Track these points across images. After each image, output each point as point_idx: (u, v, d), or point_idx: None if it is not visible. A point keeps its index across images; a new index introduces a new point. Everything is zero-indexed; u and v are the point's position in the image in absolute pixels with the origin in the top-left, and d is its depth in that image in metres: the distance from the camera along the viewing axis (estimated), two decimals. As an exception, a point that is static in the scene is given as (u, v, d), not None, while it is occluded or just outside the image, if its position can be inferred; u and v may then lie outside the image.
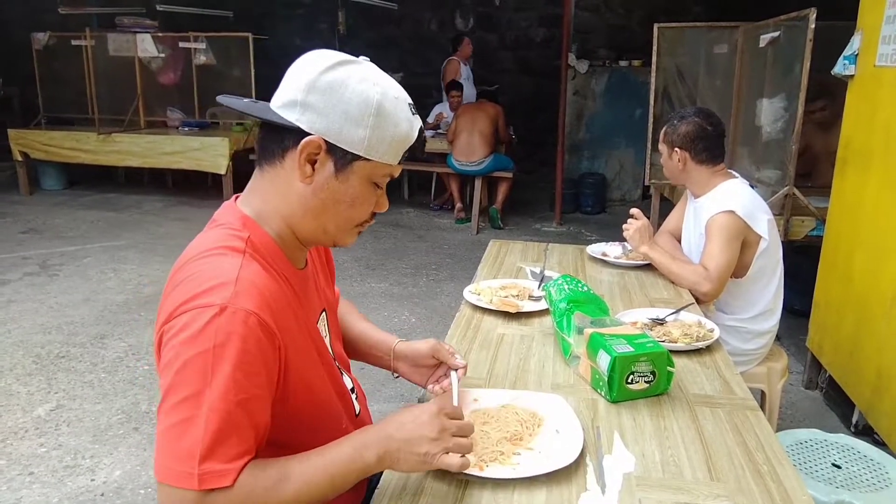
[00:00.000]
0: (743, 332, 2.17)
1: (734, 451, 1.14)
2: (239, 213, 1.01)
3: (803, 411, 2.94)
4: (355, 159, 0.96)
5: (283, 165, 0.97)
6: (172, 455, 0.82)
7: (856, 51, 2.70)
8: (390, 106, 0.96)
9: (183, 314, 0.87)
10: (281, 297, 0.95)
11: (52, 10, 7.23)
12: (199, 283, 0.89)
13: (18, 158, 6.78)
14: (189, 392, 0.83)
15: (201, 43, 6.69)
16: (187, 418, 0.82)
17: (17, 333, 3.58)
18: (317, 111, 0.93)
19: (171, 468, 0.82)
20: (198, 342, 0.84)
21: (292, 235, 1.02)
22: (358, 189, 0.98)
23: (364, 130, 0.94)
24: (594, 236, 5.82)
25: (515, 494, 1.02)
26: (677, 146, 2.14)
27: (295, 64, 0.98)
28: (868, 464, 1.76)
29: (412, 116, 0.99)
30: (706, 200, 2.13)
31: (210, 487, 0.81)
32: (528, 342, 1.60)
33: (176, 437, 0.82)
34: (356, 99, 0.93)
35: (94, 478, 2.39)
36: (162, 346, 0.89)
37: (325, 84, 0.93)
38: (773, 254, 2.13)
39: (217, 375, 0.83)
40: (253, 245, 0.96)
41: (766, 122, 3.72)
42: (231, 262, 0.92)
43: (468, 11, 8.51)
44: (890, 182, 2.42)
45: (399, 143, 0.98)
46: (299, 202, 0.98)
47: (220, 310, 0.85)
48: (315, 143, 0.94)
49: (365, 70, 0.96)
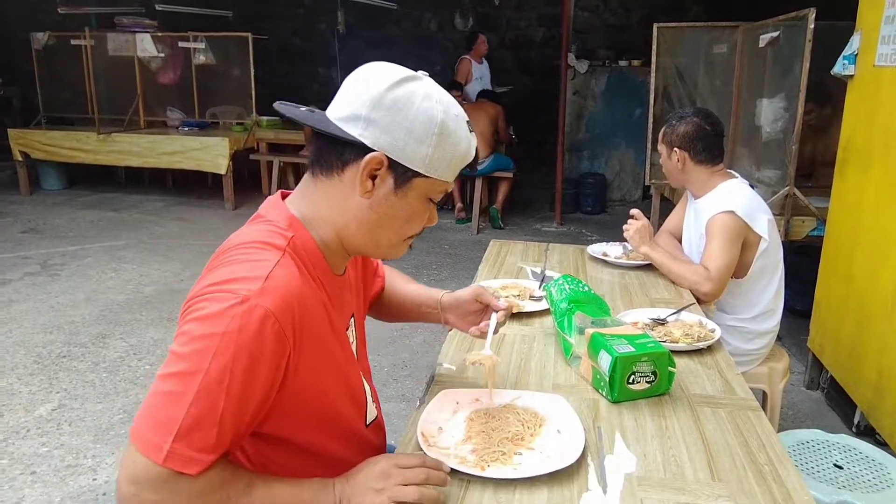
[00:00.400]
0: (744, 332, 2.17)
1: (736, 452, 1.14)
2: (287, 213, 1.01)
3: (805, 412, 2.94)
4: (415, 176, 0.97)
5: (341, 178, 0.98)
6: (150, 422, 0.83)
7: (855, 51, 2.70)
8: (452, 124, 0.97)
9: (208, 294, 0.88)
10: (311, 300, 0.95)
11: (51, 10, 7.23)
12: (232, 271, 0.90)
13: (18, 158, 6.77)
14: (187, 368, 0.84)
15: (201, 43, 6.69)
16: (176, 392, 0.83)
17: (19, 333, 3.58)
18: (381, 127, 0.94)
19: (144, 434, 0.83)
20: (210, 323, 0.85)
21: (339, 244, 1.03)
22: (415, 205, 1.00)
23: (427, 148, 0.95)
24: (594, 236, 5.82)
25: (517, 494, 1.02)
26: (676, 146, 2.14)
27: (356, 76, 0.98)
28: (870, 464, 1.76)
29: (470, 135, 1.01)
30: (706, 201, 2.13)
31: (174, 468, 0.82)
32: (529, 342, 1.60)
33: (160, 406, 0.84)
34: (421, 117, 0.94)
35: (95, 477, 2.39)
36: (185, 314, 0.90)
37: (391, 101, 0.94)
38: (774, 254, 2.13)
39: (217, 362, 0.83)
40: (294, 246, 0.96)
41: (766, 122, 3.72)
42: (267, 258, 0.92)
43: (468, 11, 8.51)
44: (890, 182, 2.43)
45: (458, 161, 1.00)
46: (355, 215, 0.99)
47: (241, 300, 0.86)
48: (378, 159, 0.94)
49: (428, 87, 0.97)
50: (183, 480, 0.83)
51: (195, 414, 0.82)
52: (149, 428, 0.83)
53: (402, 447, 1.14)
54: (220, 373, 0.83)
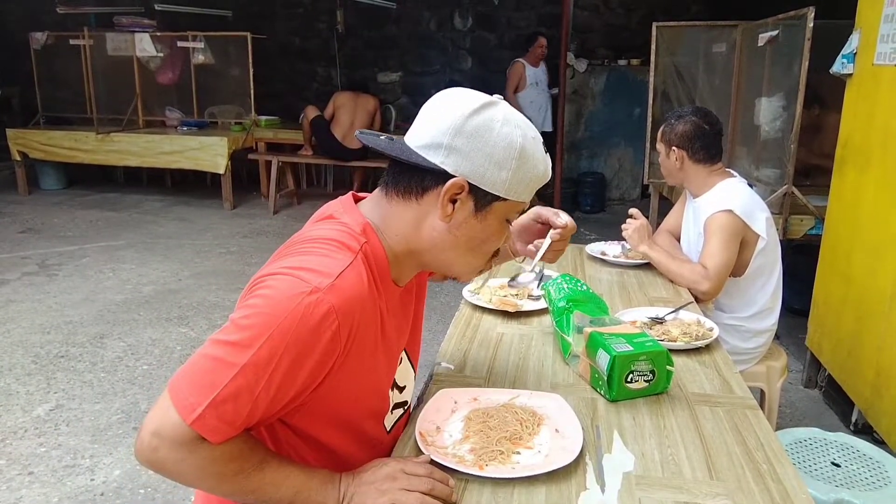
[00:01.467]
0: (742, 330, 2.18)
1: (734, 450, 1.14)
2: (362, 219, 1.02)
3: (803, 410, 2.94)
4: (495, 200, 0.99)
5: (419, 202, 0.99)
6: (191, 381, 0.86)
7: (854, 49, 2.70)
8: (530, 148, 0.98)
9: (282, 276, 0.89)
10: (371, 308, 0.96)
11: (50, 10, 7.22)
12: (308, 260, 0.92)
13: (17, 158, 6.77)
14: (241, 340, 0.86)
15: (200, 42, 6.69)
16: (224, 361, 0.85)
17: (17, 333, 3.58)
18: (462, 154, 0.95)
19: (182, 391, 0.85)
20: (276, 305, 0.86)
21: (409, 257, 1.04)
22: (493, 227, 1.02)
23: (507, 173, 0.97)
24: (593, 235, 5.82)
25: (515, 494, 1.02)
26: (675, 145, 2.14)
27: (435, 102, 0.99)
28: (867, 462, 1.76)
29: (545, 155, 1.02)
30: (704, 200, 2.13)
31: (199, 432, 0.85)
32: (527, 341, 1.60)
33: (205, 369, 0.86)
34: (501, 143, 0.95)
35: (93, 477, 2.39)
36: (252, 287, 0.92)
37: (472, 129, 0.95)
38: (772, 252, 2.14)
39: (270, 343, 0.85)
40: (366, 252, 0.98)
41: (765, 120, 3.72)
42: (342, 257, 0.93)
43: (467, 11, 8.51)
44: (888, 180, 2.43)
45: (536, 182, 1.01)
46: (431, 236, 1.01)
47: (311, 290, 0.87)
48: (459, 185, 0.96)
49: (505, 112, 0.98)
50: (203, 446, 0.86)
51: (235, 387, 0.85)
52: (188, 386, 0.85)
53: (400, 447, 1.14)
54: (270, 354, 0.85)
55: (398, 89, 8.87)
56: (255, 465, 0.91)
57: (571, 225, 1.32)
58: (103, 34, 6.87)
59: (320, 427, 1.02)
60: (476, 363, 1.47)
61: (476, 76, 8.32)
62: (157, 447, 0.86)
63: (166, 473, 0.89)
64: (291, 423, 1.00)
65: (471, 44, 8.60)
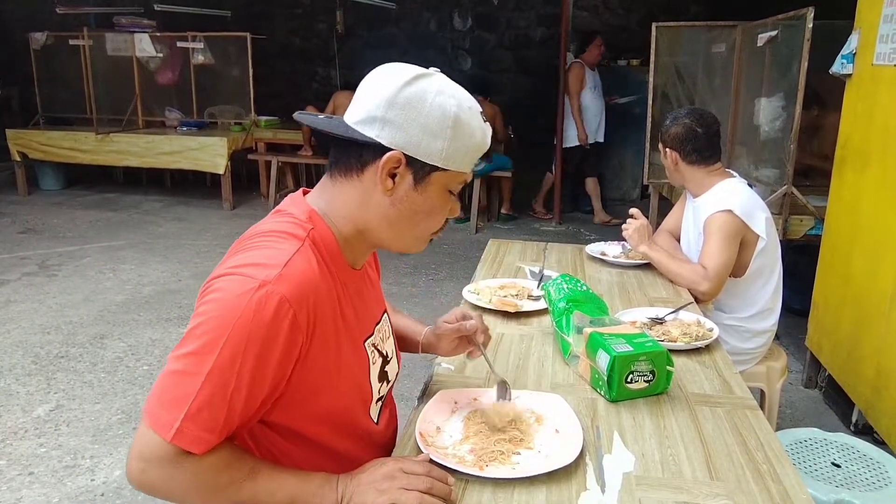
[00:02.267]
0: (742, 331, 2.17)
1: (734, 451, 1.14)
2: (307, 207, 1.02)
3: (803, 410, 2.94)
4: (433, 170, 0.98)
5: (361, 178, 0.99)
6: (162, 400, 0.86)
7: (853, 49, 2.70)
8: (466, 117, 0.98)
9: (227, 276, 0.91)
10: (326, 293, 0.97)
11: (49, 10, 7.22)
12: (252, 256, 0.93)
13: (17, 158, 6.77)
14: (200, 348, 0.86)
15: (199, 42, 6.69)
16: (189, 372, 0.86)
17: (17, 334, 3.58)
18: (397, 126, 0.95)
19: (156, 411, 0.86)
20: (227, 307, 0.87)
21: (359, 238, 1.04)
22: (435, 198, 1.01)
23: (442, 142, 0.96)
24: (593, 236, 5.82)
25: (515, 494, 1.02)
26: (668, 147, 2.17)
27: (369, 78, 0.99)
28: (868, 463, 1.76)
29: (484, 124, 1.02)
30: (704, 200, 2.13)
31: (181, 446, 0.85)
32: (527, 342, 1.60)
33: (172, 385, 0.86)
34: (435, 112, 0.95)
35: (93, 478, 2.38)
36: (203, 294, 0.92)
37: (404, 100, 0.95)
38: (772, 252, 2.14)
39: (230, 344, 0.86)
40: (314, 238, 0.98)
41: (765, 121, 3.72)
42: (287, 247, 0.94)
43: (467, 11, 8.51)
44: (888, 180, 2.43)
45: (474, 151, 1.01)
46: (377, 212, 1.00)
47: (259, 285, 0.87)
48: (396, 158, 0.96)
49: (439, 82, 0.98)
50: (188, 459, 0.86)
51: (206, 394, 0.85)
52: (161, 405, 0.86)
53: (400, 447, 1.14)
54: (232, 355, 0.86)
55: (398, 89, 8.87)
56: (246, 475, 0.91)
57: (476, 322, 1.30)
58: (103, 34, 6.87)
59: (304, 422, 1.01)
60: (476, 364, 1.47)
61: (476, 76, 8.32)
62: (145, 469, 0.86)
63: (159, 494, 0.89)
64: (276, 424, 0.99)
65: (470, 44, 8.61)
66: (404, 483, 0.95)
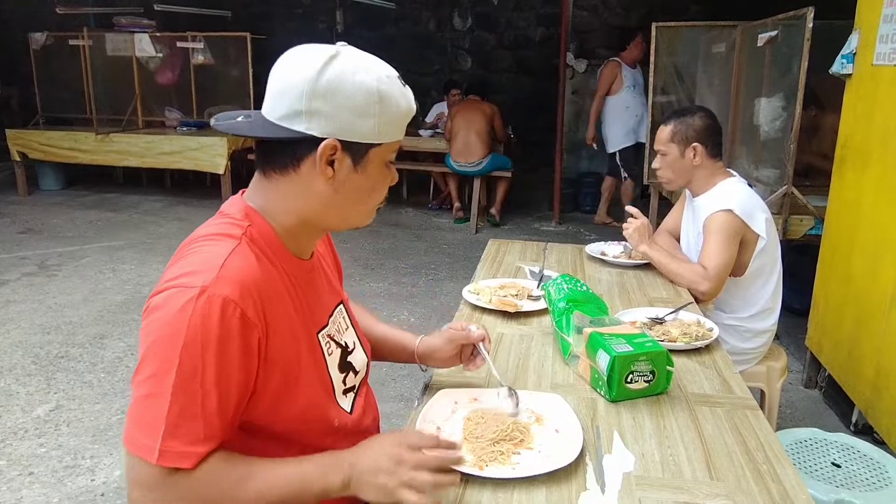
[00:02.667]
0: (742, 330, 2.17)
1: (734, 451, 1.14)
2: (243, 205, 1.02)
3: (803, 410, 2.94)
4: (370, 148, 0.98)
5: (298, 172, 0.98)
6: (138, 426, 0.86)
7: (853, 49, 2.70)
8: (387, 88, 0.97)
9: (165, 291, 0.90)
10: (272, 287, 0.96)
11: (49, 11, 7.22)
12: (187, 264, 0.92)
13: (17, 158, 6.77)
14: (157, 370, 0.86)
15: (199, 43, 6.68)
16: (154, 394, 0.86)
17: (17, 334, 3.58)
18: (324, 115, 0.93)
19: (135, 439, 0.86)
20: (172, 322, 0.86)
21: (304, 228, 1.03)
22: (376, 174, 1.01)
23: (373, 119, 0.95)
24: (593, 236, 5.82)
25: (515, 494, 1.02)
26: (694, 141, 2.10)
27: (280, 69, 0.96)
28: (868, 463, 1.76)
29: (404, 88, 1.00)
30: (705, 199, 2.13)
31: (170, 465, 0.85)
32: (527, 342, 1.60)
33: (143, 409, 0.86)
34: (359, 93, 0.94)
35: (93, 478, 2.38)
36: (146, 314, 0.91)
37: (324, 88, 0.93)
38: (772, 252, 2.13)
39: (186, 355, 0.85)
40: (251, 235, 0.98)
41: (765, 121, 3.72)
42: (222, 248, 0.94)
43: (466, 11, 8.51)
44: (888, 180, 2.43)
45: (403, 119, 1.00)
46: (321, 200, 0.99)
47: (199, 292, 0.87)
48: (331, 146, 0.95)
49: (352, 59, 0.96)
50: (181, 476, 0.86)
51: (177, 410, 0.85)
52: (138, 431, 0.86)
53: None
54: (192, 366, 0.85)
55: (398, 89, 8.86)
56: (242, 477, 0.90)
57: (483, 331, 1.30)
58: (103, 34, 6.87)
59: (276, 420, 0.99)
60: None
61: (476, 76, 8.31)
62: (143, 495, 0.87)
63: None
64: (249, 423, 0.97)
65: (470, 44, 8.60)
66: (414, 462, 0.92)
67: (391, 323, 1.42)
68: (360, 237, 5.54)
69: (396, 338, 1.37)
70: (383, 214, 6.50)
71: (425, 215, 6.56)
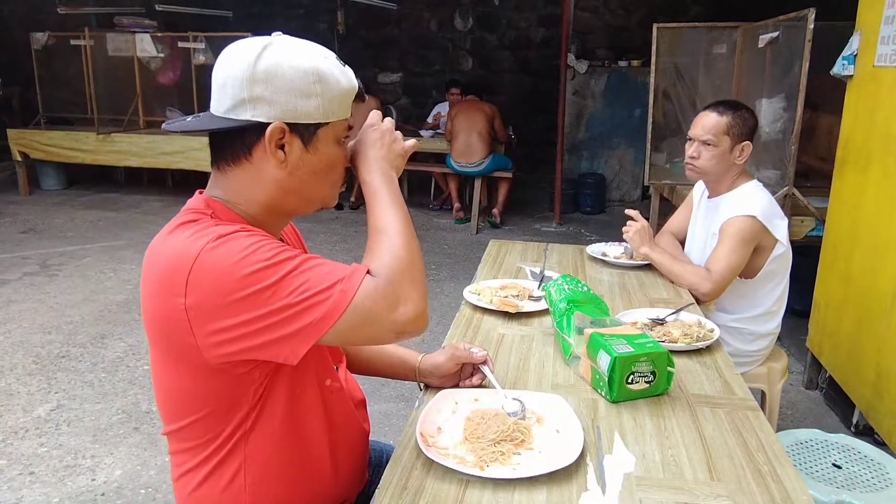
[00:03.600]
0: (745, 333, 2.16)
1: (734, 452, 1.14)
2: (203, 198, 1.03)
3: (803, 411, 2.94)
4: (318, 127, 0.99)
5: (251, 160, 0.99)
6: (317, 281, 0.89)
7: (855, 51, 2.70)
8: (326, 67, 0.98)
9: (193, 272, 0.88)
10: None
11: (50, 10, 7.23)
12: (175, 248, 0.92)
13: (18, 158, 6.78)
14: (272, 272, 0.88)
15: (200, 43, 6.68)
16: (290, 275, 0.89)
17: (17, 333, 3.58)
18: (267, 101, 0.95)
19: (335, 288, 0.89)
20: (234, 269, 0.88)
21: (269, 214, 1.04)
22: (328, 153, 1.01)
23: (316, 99, 0.97)
24: (594, 236, 5.82)
25: (516, 494, 1.02)
26: (747, 139, 2.06)
27: (218, 67, 0.98)
28: (868, 464, 1.76)
29: (344, 68, 1.02)
30: (725, 200, 2.10)
31: (363, 273, 0.92)
32: (528, 342, 1.60)
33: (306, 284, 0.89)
34: (296, 74, 0.95)
35: (94, 477, 2.39)
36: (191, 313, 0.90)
37: (262, 73, 0.94)
38: (786, 258, 2.12)
39: (265, 251, 0.89)
40: (218, 218, 0.99)
41: (766, 122, 3.72)
42: (203, 223, 0.95)
43: (468, 11, 8.51)
44: (889, 182, 2.43)
45: (346, 96, 1.01)
46: (277, 186, 1.00)
47: (218, 239, 0.90)
48: (278, 129, 0.96)
49: (286, 45, 0.98)
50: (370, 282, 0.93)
51: (312, 265, 0.91)
52: (322, 281, 0.90)
53: (401, 447, 1.14)
54: (275, 253, 0.90)
55: (399, 90, 8.87)
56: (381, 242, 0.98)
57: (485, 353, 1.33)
58: (104, 34, 6.87)
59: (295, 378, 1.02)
60: (477, 364, 1.46)
61: (477, 76, 8.32)
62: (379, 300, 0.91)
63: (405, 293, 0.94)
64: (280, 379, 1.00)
65: (471, 44, 8.61)
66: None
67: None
68: (361, 237, 5.53)
69: (397, 353, 1.39)
70: (384, 215, 6.50)
71: (426, 216, 6.56)
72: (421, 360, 1.35)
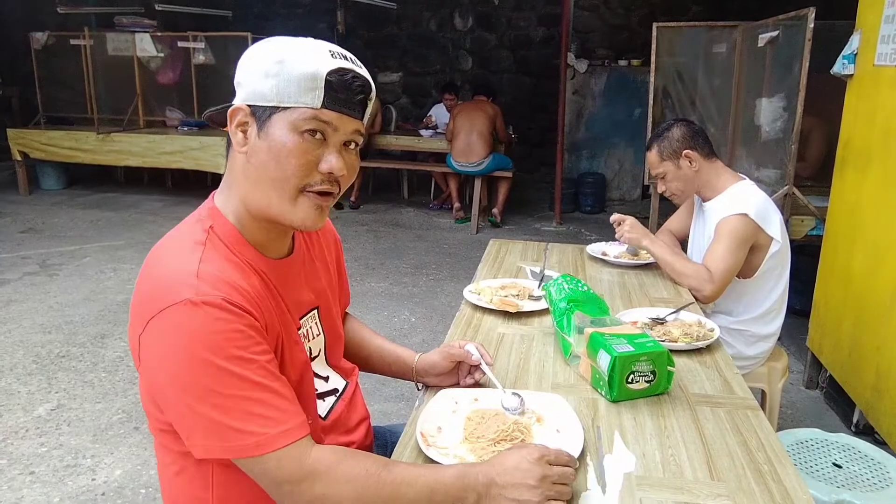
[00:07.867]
0: (747, 335, 2.15)
1: (735, 451, 1.14)
2: (210, 203, 1.03)
3: (804, 411, 2.94)
4: (273, 112, 0.94)
5: (231, 149, 1.01)
6: (238, 432, 0.86)
7: (855, 50, 2.70)
8: (292, 48, 0.96)
9: (155, 319, 0.87)
10: (246, 285, 0.95)
11: (50, 10, 7.23)
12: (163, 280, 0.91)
13: (18, 158, 6.78)
14: (210, 389, 0.86)
15: (200, 42, 6.69)
16: (223, 396, 0.86)
17: (18, 333, 3.58)
18: (242, 84, 0.98)
19: (231, 445, 0.86)
20: (185, 347, 0.85)
21: (251, 219, 1.01)
22: (280, 140, 0.94)
23: (273, 80, 0.94)
24: (594, 236, 5.82)
25: (516, 494, 1.02)
26: (685, 149, 2.10)
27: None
28: (869, 463, 1.76)
29: (326, 54, 0.95)
30: (717, 203, 2.11)
31: (301, 436, 0.89)
32: (528, 342, 1.60)
33: (220, 417, 0.86)
34: (260, 55, 0.97)
35: (94, 477, 2.39)
36: (141, 353, 0.90)
37: (243, 60, 0.99)
38: (784, 256, 2.11)
39: (213, 359, 0.86)
40: (216, 234, 0.98)
41: (766, 121, 3.72)
42: (191, 255, 0.93)
43: (467, 11, 8.51)
44: (889, 181, 2.43)
45: (308, 80, 0.93)
46: (243, 173, 0.99)
47: (190, 305, 0.86)
48: (238, 110, 0.97)
49: (277, 38, 0.99)
50: (304, 446, 0.90)
51: (244, 398, 0.86)
52: (235, 436, 0.86)
53: (401, 447, 1.14)
54: (228, 361, 0.86)
55: (399, 89, 8.87)
56: (381, 466, 0.92)
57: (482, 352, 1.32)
58: (104, 34, 6.87)
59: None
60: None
61: (477, 76, 8.32)
62: (297, 488, 0.88)
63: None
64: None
65: (471, 44, 8.61)
66: (556, 477, 0.95)
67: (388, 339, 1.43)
68: (362, 237, 5.54)
69: (395, 352, 1.38)
70: (384, 214, 6.51)
71: (426, 215, 6.56)
72: (417, 359, 1.34)
